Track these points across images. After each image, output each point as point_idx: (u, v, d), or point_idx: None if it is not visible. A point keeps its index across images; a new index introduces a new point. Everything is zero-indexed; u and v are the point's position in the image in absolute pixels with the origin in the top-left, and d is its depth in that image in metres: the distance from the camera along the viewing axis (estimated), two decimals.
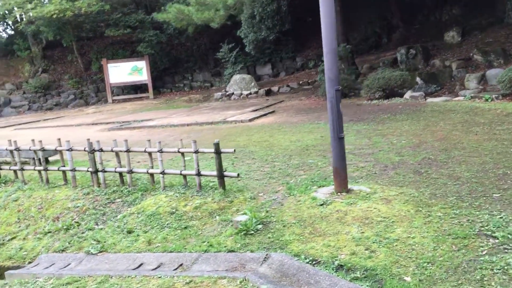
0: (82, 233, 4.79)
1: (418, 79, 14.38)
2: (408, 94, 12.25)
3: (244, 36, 17.15)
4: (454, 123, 8.07)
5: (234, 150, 5.12)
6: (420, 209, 4.12)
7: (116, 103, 23.04)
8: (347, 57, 16.81)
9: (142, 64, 23.07)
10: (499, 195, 4.29)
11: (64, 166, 5.98)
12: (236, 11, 14.22)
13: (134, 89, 24.54)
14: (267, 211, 4.55)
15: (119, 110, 20.08)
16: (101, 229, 4.76)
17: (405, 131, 7.84)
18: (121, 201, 5.32)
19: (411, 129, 7.96)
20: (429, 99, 11.69)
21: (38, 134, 13.37)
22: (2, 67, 25.12)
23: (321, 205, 4.45)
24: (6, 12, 20.93)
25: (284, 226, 4.15)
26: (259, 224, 4.18)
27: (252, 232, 4.07)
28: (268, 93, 19.30)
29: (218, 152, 5.06)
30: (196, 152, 5.20)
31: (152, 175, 5.55)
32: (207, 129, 10.61)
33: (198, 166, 5.21)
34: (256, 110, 13.66)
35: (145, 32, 21.44)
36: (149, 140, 5.67)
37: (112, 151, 5.67)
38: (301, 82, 20.10)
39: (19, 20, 22.57)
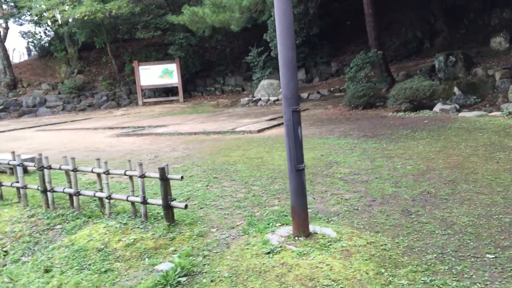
0: (4, 265, 4.22)
1: (456, 89, 13.05)
2: (438, 107, 11.01)
3: (270, 40, 16.36)
4: (477, 145, 6.92)
5: (182, 177, 4.36)
6: (383, 271, 3.19)
7: (146, 106, 22.93)
8: (379, 64, 15.64)
9: (172, 67, 22.82)
10: (493, 256, 3.28)
11: (17, 182, 5.47)
12: (257, 14, 13.47)
13: (165, 92, 24.37)
14: (204, 256, 3.77)
15: (146, 113, 19.87)
16: (24, 263, 4.17)
17: (417, 153, 6.78)
18: (61, 228, 4.72)
19: (425, 151, 6.89)
20: (461, 114, 10.43)
21: (53, 136, 13.26)
22: (40, 68, 25.73)
23: (268, 253, 3.62)
24: (44, 13, 21.23)
25: (212, 281, 3.36)
26: (184, 275, 3.41)
27: (171, 287, 3.31)
28: None
29: (163, 178, 4.34)
30: (142, 176, 4.50)
31: (101, 199, 4.91)
32: (210, 140, 9.93)
33: (144, 192, 4.51)
34: (273, 119, 12.86)
35: (175, 34, 21.15)
36: (98, 159, 5.02)
37: (60, 169, 5.08)
38: (332, 89, 19.06)
39: (56, 22, 22.93)
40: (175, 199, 4.50)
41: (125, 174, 4.65)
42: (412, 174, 5.67)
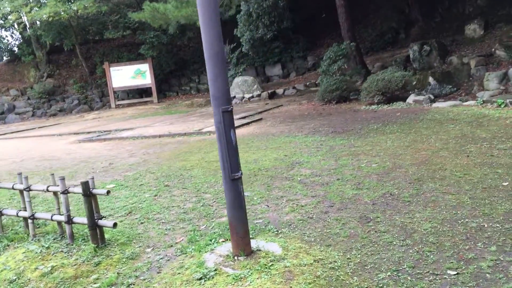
0: None
1: (431, 79, 12.69)
2: (411, 98, 10.61)
3: (240, 35, 15.82)
4: (448, 138, 6.50)
5: (108, 192, 3.83)
6: None
7: (119, 108, 22.24)
8: (353, 56, 15.23)
9: (145, 67, 22.16)
10: (455, 273, 2.82)
11: None
12: (223, 8, 12.92)
13: (139, 93, 23.70)
14: (129, 285, 3.25)
15: (118, 116, 19.21)
16: None
17: (384, 149, 6.34)
18: None
19: (393, 146, 6.45)
20: (435, 104, 10.04)
21: (13, 145, 12.58)
22: (8, 73, 24.82)
23: (200, 279, 3.12)
24: (9, 16, 20.39)
25: None
26: None
27: None
28: (272, 96, 17.95)
29: (87, 194, 3.80)
30: (65, 192, 3.95)
31: (25, 219, 4.35)
32: (174, 142, 9.38)
33: (68, 210, 3.97)
34: (244, 117, 12.35)
35: (145, 33, 20.47)
36: (20, 174, 4.46)
37: None
38: (308, 83, 18.63)
39: (22, 24, 22.07)
40: (104, 217, 3.97)
41: (47, 190, 4.09)
42: (376, 173, 5.22)
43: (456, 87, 12.10)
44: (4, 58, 26.24)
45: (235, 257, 3.35)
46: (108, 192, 3.79)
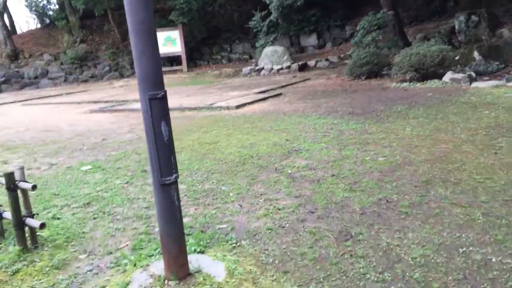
0: None
1: (476, 53, 11.33)
2: (448, 76, 9.42)
3: (269, 2, 14.78)
4: (478, 127, 5.49)
5: (34, 187, 3.22)
6: None
7: None
8: (392, 26, 13.92)
9: (175, 34, 21.53)
10: None
11: None
12: None
13: (170, 61, 23.19)
14: None
15: None
16: None
17: (400, 139, 5.43)
18: None
19: (410, 135, 5.52)
20: (475, 84, 8.84)
21: (29, 113, 12.43)
22: (43, 38, 24.91)
23: None
24: None
25: None
26: None
27: None
28: (303, 68, 16.94)
29: (12, 187, 3.22)
30: None
31: None
32: (180, 118, 8.76)
33: None
34: (263, 91, 11.54)
35: None
36: None
37: None
38: (342, 55, 17.42)
39: None
40: (34, 214, 3.38)
41: None
42: (380, 170, 4.37)
43: (505, 64, 10.73)
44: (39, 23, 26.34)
45: (166, 281, 2.69)
46: (34, 187, 3.19)
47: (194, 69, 22.12)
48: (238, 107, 9.21)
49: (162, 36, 21.56)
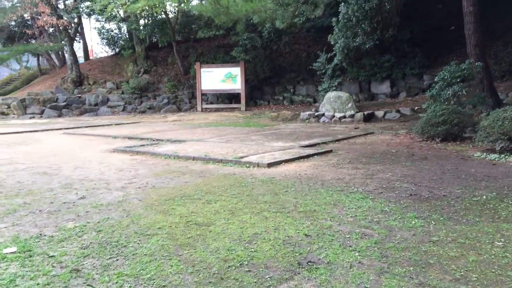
0: None
1: None
2: None
3: (333, 42, 13.04)
4: None
5: None
6: None
7: (206, 112, 20.82)
8: (479, 80, 11.57)
9: (236, 71, 20.42)
10: None
11: None
12: (308, 7, 10.29)
13: (229, 98, 22.08)
14: None
15: (196, 121, 17.71)
16: None
17: (485, 264, 3.29)
18: None
19: (503, 257, 3.35)
20: None
21: (58, 143, 11.53)
22: (110, 65, 24.98)
23: None
24: (111, 8, 20.10)
25: None
26: None
27: None
28: (369, 118, 14.87)
29: None
30: None
31: None
32: (196, 173, 7.10)
33: None
34: (311, 145, 9.65)
35: (239, 34, 18.64)
36: None
37: None
38: (416, 108, 15.14)
39: (127, 17, 21.76)
40: None
41: None
42: None
43: None
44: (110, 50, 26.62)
45: None
46: None
47: (253, 109, 20.76)
48: (270, 165, 7.38)
49: (222, 72, 20.57)
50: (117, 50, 25.76)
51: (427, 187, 5.69)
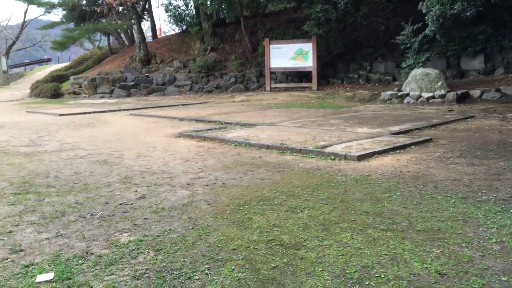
0: None
1: None
2: None
3: (426, 11, 11.26)
4: None
5: None
6: None
7: (274, 92, 19.69)
8: None
9: (308, 47, 19.00)
10: None
11: None
12: None
13: (299, 77, 20.74)
14: None
15: (265, 101, 16.68)
16: None
17: None
18: None
19: None
20: None
21: (126, 125, 11.00)
22: (177, 43, 24.44)
23: None
24: None
25: None
26: None
27: None
28: (462, 98, 13.02)
29: None
30: None
31: None
32: (274, 166, 6.02)
33: None
34: (404, 131, 8.24)
35: (311, 7, 17.15)
36: None
37: None
38: None
39: None
40: None
41: None
42: None
43: None
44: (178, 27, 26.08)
45: None
46: None
47: (325, 88, 19.32)
48: (361, 158, 6.13)
49: (293, 48, 19.25)
50: (184, 27, 25.16)
51: None
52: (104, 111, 15.21)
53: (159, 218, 4.09)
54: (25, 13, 59.00)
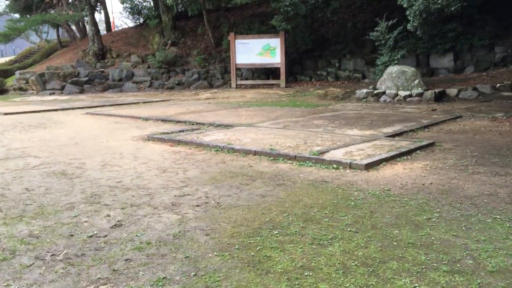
0: None
1: None
2: None
3: (407, 5, 10.71)
4: None
5: None
6: None
7: (240, 89, 18.74)
8: None
9: (275, 43, 18.19)
10: None
11: None
12: None
13: (266, 74, 19.91)
14: None
15: (232, 99, 15.71)
16: None
17: None
18: None
19: None
20: None
21: (85, 126, 9.70)
22: (134, 37, 22.98)
23: None
24: None
25: None
26: None
27: None
28: (440, 97, 12.62)
29: None
30: None
31: None
32: (270, 177, 5.10)
33: None
34: (398, 133, 7.56)
35: (280, 0, 16.32)
36: None
37: None
38: (498, 85, 12.78)
39: None
40: None
41: None
42: None
43: None
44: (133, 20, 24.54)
45: None
46: None
47: (294, 85, 18.60)
48: (368, 166, 5.33)
49: (260, 44, 18.39)
50: (142, 20, 23.68)
51: None
52: (56, 110, 13.73)
53: (146, 258, 3.07)
54: None
